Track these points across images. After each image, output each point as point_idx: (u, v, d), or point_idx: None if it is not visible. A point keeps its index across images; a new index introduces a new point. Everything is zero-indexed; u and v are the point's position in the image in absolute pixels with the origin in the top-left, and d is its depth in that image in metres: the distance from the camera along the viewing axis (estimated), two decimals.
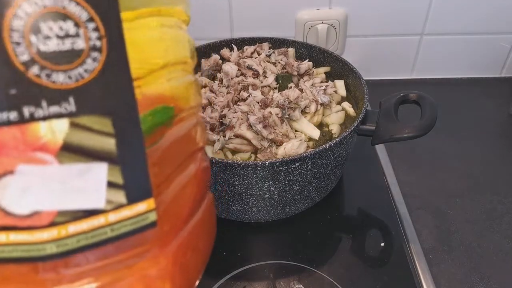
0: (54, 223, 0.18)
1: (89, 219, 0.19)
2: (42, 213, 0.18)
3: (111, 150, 0.18)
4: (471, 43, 0.81)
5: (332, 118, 0.57)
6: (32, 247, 0.18)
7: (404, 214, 0.57)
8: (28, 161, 0.17)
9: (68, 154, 0.18)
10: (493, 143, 0.70)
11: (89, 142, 0.18)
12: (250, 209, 0.52)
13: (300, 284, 0.48)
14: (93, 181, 0.18)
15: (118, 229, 0.20)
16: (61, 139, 0.17)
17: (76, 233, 0.19)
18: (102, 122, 0.18)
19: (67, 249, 0.19)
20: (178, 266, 0.23)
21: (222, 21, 0.78)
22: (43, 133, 0.17)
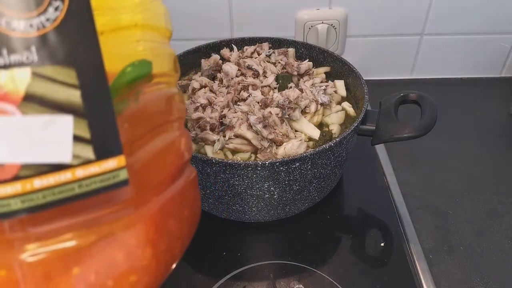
0: (18, 177, 0.18)
1: (56, 174, 0.18)
2: (5, 166, 0.17)
3: (76, 102, 0.18)
4: (471, 43, 0.81)
5: (332, 118, 0.57)
6: None
7: (404, 214, 0.57)
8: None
9: (31, 105, 0.17)
10: (493, 143, 0.70)
11: (53, 93, 0.18)
12: (250, 209, 0.52)
13: (300, 284, 0.48)
14: (59, 134, 0.18)
15: (86, 186, 0.19)
16: (24, 89, 0.17)
17: (42, 188, 0.18)
18: (66, 73, 0.18)
19: (33, 205, 0.18)
20: (159, 234, 0.23)
21: (222, 21, 0.78)
22: (4, 82, 0.17)
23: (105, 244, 0.21)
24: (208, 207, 0.54)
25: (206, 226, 0.56)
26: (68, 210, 0.19)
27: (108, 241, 0.21)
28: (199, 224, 0.56)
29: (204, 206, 0.55)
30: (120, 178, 0.20)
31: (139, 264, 0.22)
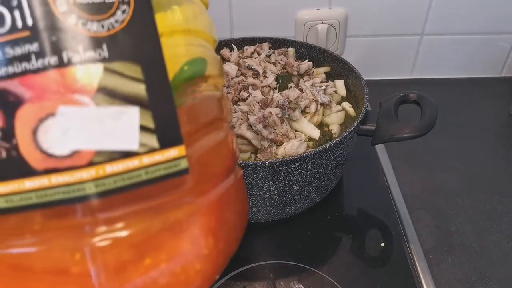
0: (92, 162, 0.20)
1: (125, 161, 0.20)
2: (81, 152, 0.19)
3: (141, 95, 0.20)
4: (471, 43, 0.81)
5: (332, 118, 0.57)
6: (73, 187, 0.20)
7: (404, 214, 0.57)
8: (68, 102, 0.19)
9: (103, 97, 0.20)
10: (493, 143, 0.70)
11: (121, 86, 0.20)
12: (250, 209, 0.52)
13: (300, 284, 0.48)
14: (127, 123, 0.20)
15: (152, 173, 0.21)
16: (96, 82, 0.19)
17: (113, 173, 0.20)
18: (132, 68, 0.20)
19: (105, 189, 0.20)
20: (219, 224, 0.25)
21: (222, 21, 0.78)
22: (80, 76, 0.19)
23: (171, 232, 0.22)
24: None
25: None
26: (135, 197, 0.21)
27: (173, 228, 0.22)
28: None
29: None
30: (181, 167, 0.22)
31: (202, 253, 0.24)
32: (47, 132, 0.19)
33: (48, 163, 0.19)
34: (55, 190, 0.20)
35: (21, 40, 0.19)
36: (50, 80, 0.19)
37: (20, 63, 0.19)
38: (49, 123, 0.19)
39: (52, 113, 0.19)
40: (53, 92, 0.19)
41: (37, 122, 0.19)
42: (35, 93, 0.19)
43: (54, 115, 0.19)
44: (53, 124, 0.19)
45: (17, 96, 0.19)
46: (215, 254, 0.24)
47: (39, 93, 0.19)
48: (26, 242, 0.21)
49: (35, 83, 0.19)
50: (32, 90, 0.19)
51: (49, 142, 0.19)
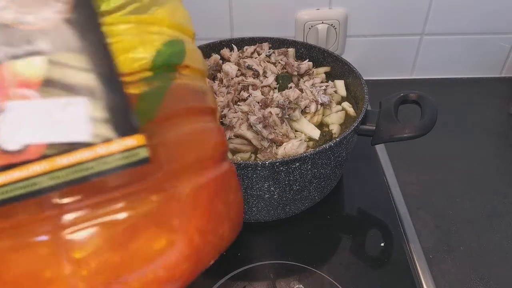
0: (45, 155, 0.19)
1: (79, 152, 0.20)
2: (32, 146, 0.19)
3: (90, 84, 0.20)
4: (471, 43, 0.81)
5: (332, 118, 0.57)
6: (29, 181, 0.19)
7: (404, 214, 0.57)
8: (14, 97, 0.19)
9: (49, 89, 0.19)
10: (493, 143, 0.70)
11: (67, 77, 0.19)
12: (250, 209, 0.52)
13: (300, 284, 0.48)
14: (77, 114, 0.20)
15: (109, 163, 0.20)
16: (41, 75, 0.19)
17: (68, 165, 0.20)
18: (78, 58, 0.20)
19: (60, 182, 0.20)
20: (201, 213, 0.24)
21: (222, 21, 0.78)
22: (22, 70, 0.19)
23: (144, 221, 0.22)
24: None
25: None
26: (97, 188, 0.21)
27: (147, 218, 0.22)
28: None
29: None
30: (141, 156, 0.21)
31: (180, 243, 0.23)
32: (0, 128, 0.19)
33: (3, 159, 0.19)
34: (13, 186, 0.19)
35: None
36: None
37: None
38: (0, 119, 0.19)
39: (1, 109, 0.19)
40: None
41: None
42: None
43: (3, 111, 0.19)
44: (3, 120, 0.19)
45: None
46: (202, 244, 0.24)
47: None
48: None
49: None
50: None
51: (2, 138, 0.19)
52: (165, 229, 0.23)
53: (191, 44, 0.28)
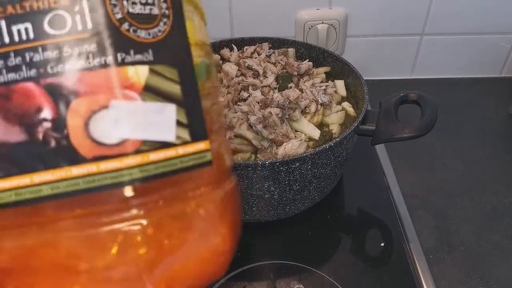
0: (138, 150, 0.22)
1: (165, 150, 0.23)
2: (129, 141, 0.22)
3: (178, 94, 0.24)
4: (471, 43, 0.81)
5: (332, 118, 0.57)
6: (120, 173, 0.22)
7: (404, 214, 0.57)
8: (120, 97, 0.22)
9: (148, 94, 0.23)
10: (493, 143, 0.70)
11: (162, 86, 0.23)
12: (250, 209, 0.52)
13: (300, 284, 0.48)
14: (167, 118, 0.23)
15: (185, 162, 0.24)
16: (143, 81, 0.22)
17: (155, 160, 0.23)
18: (171, 71, 0.24)
19: (148, 175, 0.23)
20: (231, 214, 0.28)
21: (222, 21, 0.78)
22: (130, 75, 0.22)
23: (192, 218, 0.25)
24: None
25: None
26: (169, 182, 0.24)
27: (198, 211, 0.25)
28: None
29: None
30: (207, 158, 0.25)
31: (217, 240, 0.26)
32: (99, 122, 0.21)
33: (97, 151, 0.22)
34: (103, 175, 0.22)
35: (80, 41, 0.21)
36: (105, 77, 0.22)
37: (77, 61, 0.21)
38: (101, 115, 0.22)
39: (105, 106, 0.22)
40: (108, 87, 0.22)
41: (90, 114, 0.21)
42: (89, 88, 0.21)
43: (106, 108, 0.22)
44: (105, 116, 0.22)
45: (72, 90, 0.21)
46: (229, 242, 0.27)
47: (93, 88, 0.21)
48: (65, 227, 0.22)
49: (91, 80, 0.21)
50: (87, 86, 0.21)
51: (100, 131, 0.22)
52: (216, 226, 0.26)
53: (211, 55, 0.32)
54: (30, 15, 0.21)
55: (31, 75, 0.21)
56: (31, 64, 0.21)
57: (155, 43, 0.23)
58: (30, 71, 0.21)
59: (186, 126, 0.24)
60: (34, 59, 0.21)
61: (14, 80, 0.21)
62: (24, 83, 0.21)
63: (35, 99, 0.21)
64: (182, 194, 0.24)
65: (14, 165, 0.22)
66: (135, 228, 0.22)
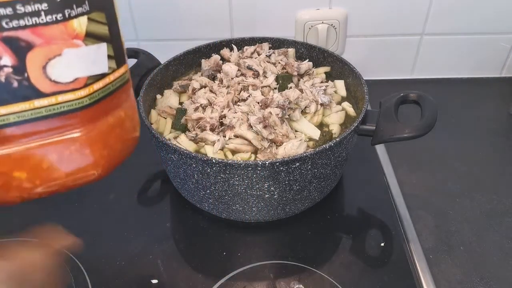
0: (86, 84, 0.29)
1: (103, 80, 0.30)
2: (79, 79, 0.28)
3: (106, 34, 0.29)
4: (471, 43, 0.81)
5: (332, 118, 0.57)
6: (75, 102, 0.29)
7: (404, 214, 0.57)
8: (69, 46, 0.27)
9: (89, 39, 0.28)
10: (493, 143, 0.70)
11: (97, 29, 0.29)
12: (250, 209, 0.52)
13: (300, 284, 0.48)
14: (102, 55, 0.29)
15: (115, 85, 0.31)
16: (85, 29, 0.28)
17: (98, 89, 0.30)
18: (101, 15, 0.29)
19: (95, 100, 0.30)
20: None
21: (222, 21, 0.78)
22: (75, 26, 0.27)
23: None
24: (208, 207, 0.54)
25: (206, 226, 0.56)
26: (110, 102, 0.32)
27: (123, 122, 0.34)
28: (200, 224, 0.56)
29: (204, 206, 0.55)
30: (126, 78, 0.33)
31: None
32: (54, 67, 0.27)
33: (55, 87, 0.28)
34: (61, 105, 0.28)
35: (32, 0, 0.25)
36: (58, 31, 0.26)
37: (31, 18, 0.25)
38: (56, 61, 0.27)
39: (59, 54, 0.27)
40: (60, 39, 0.27)
41: (47, 60, 0.27)
42: (44, 40, 0.26)
43: (60, 55, 0.27)
44: (59, 61, 0.27)
45: (29, 42, 0.26)
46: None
47: (47, 40, 0.26)
48: None
49: (44, 33, 0.26)
50: (41, 38, 0.26)
51: (56, 73, 0.27)
52: None
53: None
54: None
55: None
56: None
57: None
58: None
59: (113, 57, 0.30)
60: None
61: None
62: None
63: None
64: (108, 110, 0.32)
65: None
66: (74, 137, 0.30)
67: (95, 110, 0.30)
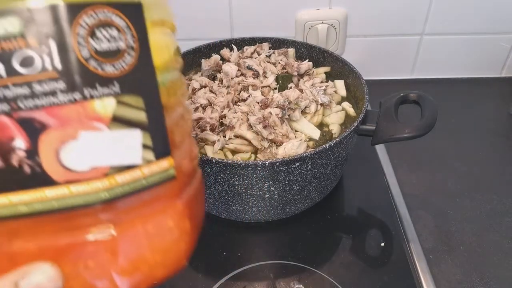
0: (107, 174, 0.24)
1: (130, 171, 0.25)
2: (97, 168, 0.24)
3: (143, 120, 0.25)
4: (471, 43, 0.81)
5: (332, 118, 0.57)
6: (90, 196, 0.24)
7: (404, 214, 0.57)
8: (88, 129, 0.24)
9: (115, 123, 0.24)
10: (493, 143, 0.70)
11: (129, 114, 0.25)
12: (250, 209, 0.52)
13: (300, 284, 0.48)
14: (133, 143, 0.25)
15: (150, 180, 0.26)
16: (111, 112, 0.24)
17: (122, 182, 0.25)
18: (137, 99, 0.25)
19: (116, 195, 0.25)
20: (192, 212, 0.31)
21: (222, 21, 0.78)
22: (97, 108, 0.24)
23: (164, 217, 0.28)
24: (208, 207, 0.54)
25: (206, 226, 0.56)
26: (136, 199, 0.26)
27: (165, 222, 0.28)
28: None
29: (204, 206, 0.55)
30: (171, 174, 0.28)
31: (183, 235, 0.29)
32: (69, 152, 0.24)
33: (69, 176, 0.24)
34: (74, 198, 0.24)
35: (49, 79, 0.23)
36: (74, 112, 0.23)
37: (47, 98, 0.23)
38: (71, 145, 0.24)
39: (74, 137, 0.23)
40: (76, 121, 0.23)
41: (61, 144, 0.23)
42: (59, 122, 0.23)
43: (75, 139, 0.23)
44: (75, 146, 0.24)
45: (43, 123, 0.23)
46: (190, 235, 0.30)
47: (63, 122, 0.23)
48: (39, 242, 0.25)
49: (60, 114, 0.23)
50: (56, 119, 0.23)
51: (71, 160, 0.24)
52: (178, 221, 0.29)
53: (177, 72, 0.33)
54: (0, 55, 0.22)
55: (4, 109, 0.23)
56: (4, 99, 0.23)
57: (121, 76, 0.24)
58: (2, 105, 0.23)
59: (151, 147, 0.26)
60: (6, 95, 0.22)
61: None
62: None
63: (8, 130, 0.23)
64: (147, 206, 0.27)
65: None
66: (104, 238, 0.25)
67: (119, 209, 0.25)
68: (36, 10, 0.22)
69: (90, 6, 0.23)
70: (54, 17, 0.23)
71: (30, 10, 0.22)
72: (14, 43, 0.22)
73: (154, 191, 0.27)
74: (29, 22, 0.22)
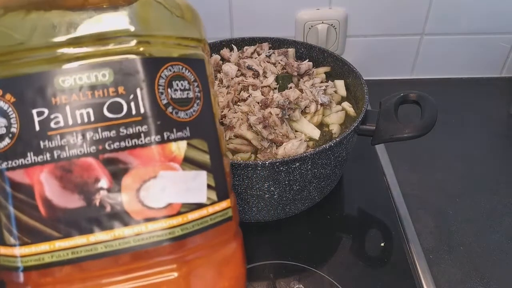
0: (179, 212, 0.27)
1: (199, 210, 0.28)
2: (172, 205, 0.26)
3: (207, 162, 0.28)
4: (471, 43, 0.81)
5: (332, 118, 0.57)
6: (164, 231, 0.26)
7: (404, 214, 0.57)
8: (165, 168, 0.26)
9: (187, 164, 0.27)
10: (493, 143, 0.70)
11: (197, 156, 0.28)
12: (250, 209, 0.52)
13: (300, 284, 0.48)
14: (200, 183, 0.28)
15: (214, 219, 0.29)
16: (183, 154, 0.27)
17: (192, 220, 0.27)
18: (202, 143, 0.28)
19: (188, 232, 0.27)
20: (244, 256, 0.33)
21: (222, 21, 0.78)
22: (173, 149, 0.27)
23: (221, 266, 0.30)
24: None
25: None
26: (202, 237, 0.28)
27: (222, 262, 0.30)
28: None
29: None
30: (229, 215, 0.30)
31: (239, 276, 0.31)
32: (149, 190, 0.26)
33: (146, 213, 0.26)
34: (150, 234, 0.26)
35: (133, 123, 0.25)
36: (154, 153, 0.26)
37: (131, 140, 0.25)
38: (150, 183, 0.26)
39: (153, 176, 0.26)
40: (156, 161, 0.26)
41: (142, 183, 0.26)
42: (141, 162, 0.26)
43: (155, 178, 0.26)
44: (154, 184, 0.26)
45: (126, 163, 0.25)
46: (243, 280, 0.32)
47: (144, 162, 0.26)
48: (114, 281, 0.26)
49: (142, 154, 0.26)
50: (138, 159, 0.26)
51: (150, 197, 0.26)
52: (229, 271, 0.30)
53: None
54: (92, 102, 0.25)
55: (91, 151, 0.25)
56: (91, 142, 0.25)
57: (191, 121, 0.28)
58: (90, 147, 0.25)
59: (214, 188, 0.29)
60: (94, 137, 0.25)
61: (76, 155, 0.25)
62: (85, 158, 0.25)
63: (94, 171, 0.25)
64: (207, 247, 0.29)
65: (73, 228, 0.25)
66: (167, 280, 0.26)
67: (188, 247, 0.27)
68: (127, 63, 0.25)
69: (169, 61, 0.27)
70: (143, 69, 0.25)
71: (121, 63, 0.25)
72: (105, 91, 0.25)
73: (216, 231, 0.29)
74: (120, 74, 0.25)
